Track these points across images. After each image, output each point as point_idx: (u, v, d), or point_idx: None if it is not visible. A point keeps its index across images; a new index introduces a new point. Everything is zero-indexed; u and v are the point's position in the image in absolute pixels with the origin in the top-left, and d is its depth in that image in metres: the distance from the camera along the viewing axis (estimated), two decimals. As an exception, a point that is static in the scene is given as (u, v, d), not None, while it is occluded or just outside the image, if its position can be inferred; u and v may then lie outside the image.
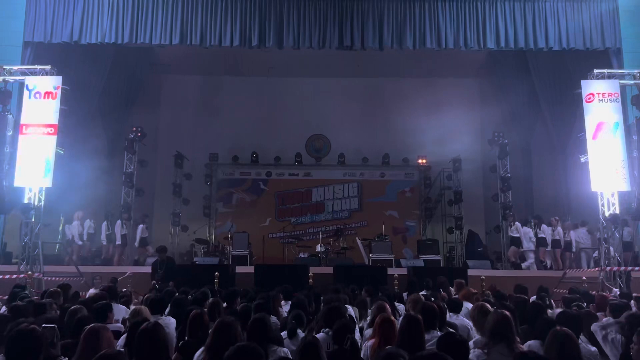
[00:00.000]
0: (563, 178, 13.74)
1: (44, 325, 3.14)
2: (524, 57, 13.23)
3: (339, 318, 4.03)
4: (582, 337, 3.86)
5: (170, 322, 4.70)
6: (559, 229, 11.96)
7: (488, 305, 4.18)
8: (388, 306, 4.63)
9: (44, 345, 2.91)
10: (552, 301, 6.60)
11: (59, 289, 6.10)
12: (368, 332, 4.41)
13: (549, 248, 11.91)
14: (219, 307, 4.92)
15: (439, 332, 3.77)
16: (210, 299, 5.45)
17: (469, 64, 15.08)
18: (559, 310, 4.88)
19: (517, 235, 12.04)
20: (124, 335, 4.02)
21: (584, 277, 9.17)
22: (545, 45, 10.99)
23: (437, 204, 16.33)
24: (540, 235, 11.97)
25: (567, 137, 13.32)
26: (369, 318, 5.13)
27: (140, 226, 12.83)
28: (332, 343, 3.74)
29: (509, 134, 14.17)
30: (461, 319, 5.00)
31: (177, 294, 5.92)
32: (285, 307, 5.90)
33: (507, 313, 3.50)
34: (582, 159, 10.03)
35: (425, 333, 3.51)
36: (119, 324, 4.68)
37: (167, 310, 5.20)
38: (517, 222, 12.20)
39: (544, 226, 12.02)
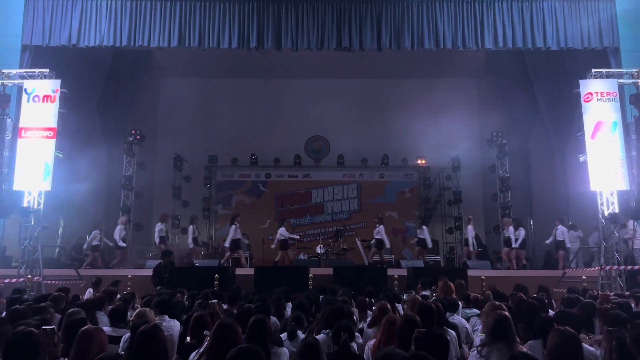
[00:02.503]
0: (562, 177, 13.74)
1: (43, 327, 3.15)
2: (522, 57, 13.24)
3: (341, 319, 4.04)
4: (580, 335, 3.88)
5: (174, 325, 4.71)
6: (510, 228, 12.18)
7: (503, 305, 4.22)
8: (389, 306, 4.63)
9: (42, 347, 2.92)
10: (552, 301, 6.60)
11: (62, 293, 6.11)
12: (368, 332, 4.42)
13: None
14: (219, 309, 4.93)
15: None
16: (213, 301, 5.46)
17: (468, 65, 15.11)
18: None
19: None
20: (125, 337, 4.02)
21: (583, 277, 9.17)
22: (543, 45, 11.01)
23: (437, 204, 16.35)
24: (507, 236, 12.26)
25: (566, 137, 13.32)
26: (369, 319, 5.13)
27: (191, 227, 12.89)
28: (333, 344, 3.74)
29: (507, 134, 14.19)
30: (459, 319, 5.00)
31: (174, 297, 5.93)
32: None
33: (507, 313, 3.53)
34: (581, 159, 10.04)
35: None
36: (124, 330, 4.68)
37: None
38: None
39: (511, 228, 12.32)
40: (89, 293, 7.64)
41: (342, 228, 14.79)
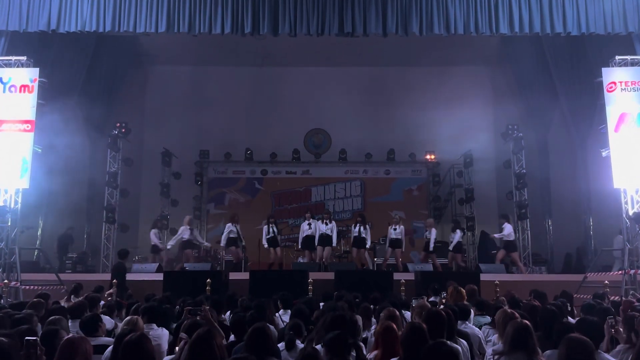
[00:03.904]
0: (583, 174, 13.74)
1: (26, 338, 3.16)
2: (540, 43, 13.21)
3: (343, 328, 4.04)
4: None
5: (163, 334, 4.73)
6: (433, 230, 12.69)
7: (517, 314, 4.25)
8: (397, 313, 4.62)
9: (13, 357, 2.93)
10: (573, 308, 6.61)
11: (41, 300, 6.11)
12: (372, 342, 4.42)
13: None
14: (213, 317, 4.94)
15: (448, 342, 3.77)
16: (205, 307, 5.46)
17: (481, 52, 15.06)
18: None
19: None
20: (110, 348, 4.03)
21: (606, 282, 9.16)
22: (562, 30, 10.92)
23: (447, 203, 16.34)
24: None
25: (587, 130, 13.31)
26: (373, 327, 5.14)
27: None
28: (331, 357, 3.72)
29: (524, 127, 14.18)
30: (471, 327, 5.00)
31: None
32: (284, 317, 5.90)
33: (527, 322, 3.57)
34: (604, 153, 10.03)
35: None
36: (109, 338, 4.68)
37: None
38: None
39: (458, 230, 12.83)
40: (65, 301, 7.60)
41: (345, 229, 14.76)
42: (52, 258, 12.59)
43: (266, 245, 12.55)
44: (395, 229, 12.41)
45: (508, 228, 12.23)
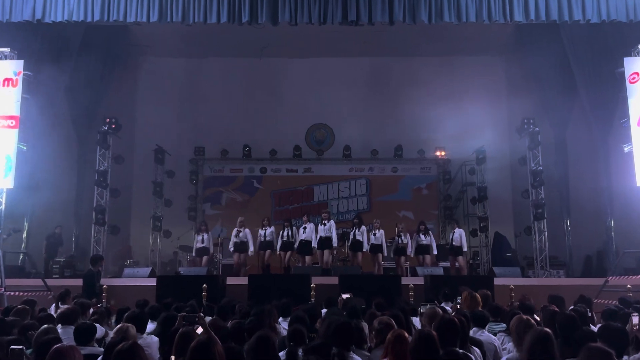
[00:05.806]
0: (604, 171, 13.70)
1: (11, 347, 3.18)
2: (557, 31, 13.15)
3: (347, 336, 4.03)
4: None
5: (152, 342, 4.74)
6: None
7: (532, 320, 4.24)
8: (394, 322, 4.59)
9: None
10: (593, 314, 6.59)
11: (27, 307, 6.12)
12: (377, 353, 4.41)
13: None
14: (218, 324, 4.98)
15: (460, 351, 3.76)
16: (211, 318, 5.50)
17: (494, 41, 15.03)
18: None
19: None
20: (100, 358, 4.04)
21: (629, 286, 9.14)
22: (582, 17, 10.89)
23: (459, 202, 16.33)
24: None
25: (609, 124, 13.26)
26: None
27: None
28: None
29: (540, 121, 14.14)
30: (487, 335, 5.00)
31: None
32: (284, 324, 5.91)
33: (548, 330, 3.57)
34: (626, 149, 10.03)
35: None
36: (98, 348, 4.70)
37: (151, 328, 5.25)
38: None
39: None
40: (53, 308, 7.60)
41: (349, 230, 14.75)
42: (38, 262, 12.64)
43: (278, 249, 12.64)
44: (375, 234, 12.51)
45: (459, 232, 12.67)
